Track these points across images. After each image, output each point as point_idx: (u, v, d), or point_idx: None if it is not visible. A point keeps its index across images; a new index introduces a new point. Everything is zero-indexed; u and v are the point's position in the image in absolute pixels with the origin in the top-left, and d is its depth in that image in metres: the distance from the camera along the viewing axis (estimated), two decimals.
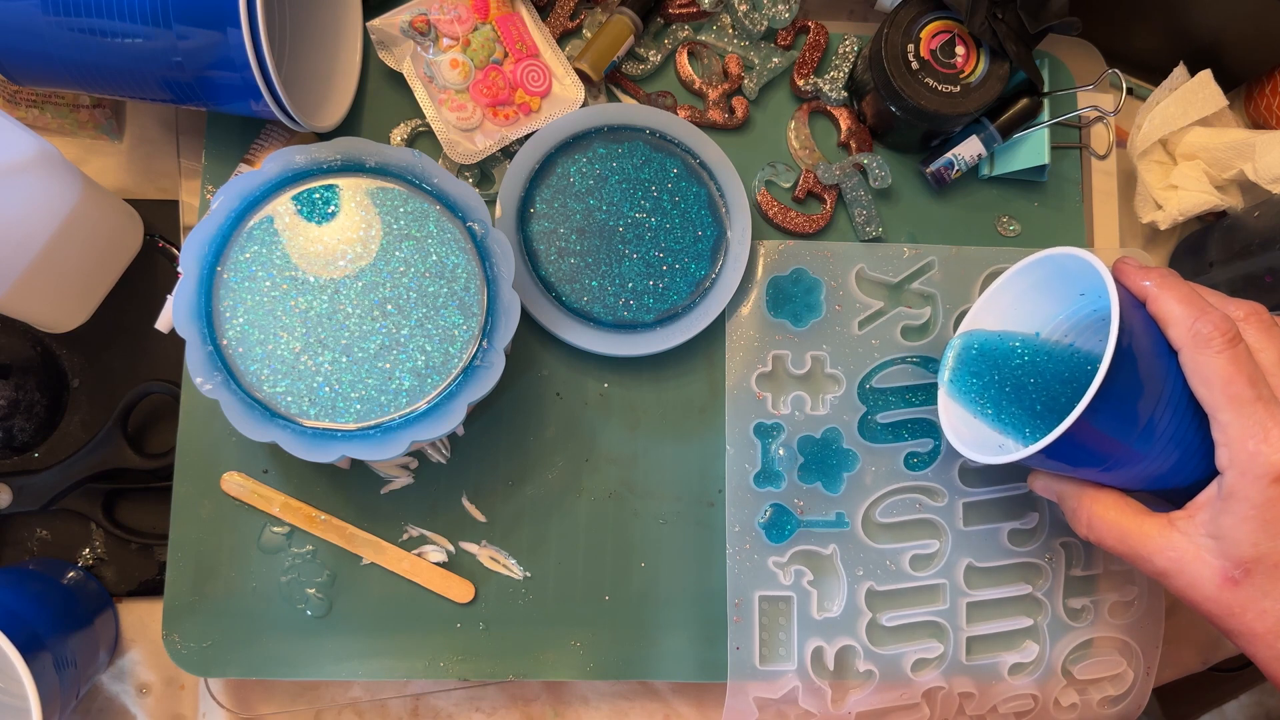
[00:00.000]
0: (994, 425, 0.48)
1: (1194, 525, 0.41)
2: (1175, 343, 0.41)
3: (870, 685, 0.54)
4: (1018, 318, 0.50)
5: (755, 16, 0.57)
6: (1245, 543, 0.39)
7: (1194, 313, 0.41)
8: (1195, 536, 0.41)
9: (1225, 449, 0.40)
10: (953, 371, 0.50)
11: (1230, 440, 0.39)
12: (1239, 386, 0.39)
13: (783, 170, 0.58)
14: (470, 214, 0.47)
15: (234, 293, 0.45)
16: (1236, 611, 0.40)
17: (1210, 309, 0.41)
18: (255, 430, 0.44)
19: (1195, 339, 0.40)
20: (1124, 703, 0.56)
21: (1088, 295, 0.47)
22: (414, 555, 0.53)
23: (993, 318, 0.50)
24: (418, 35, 0.54)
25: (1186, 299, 0.41)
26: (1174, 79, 0.58)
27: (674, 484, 0.55)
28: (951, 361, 0.50)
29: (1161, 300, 0.42)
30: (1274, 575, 0.39)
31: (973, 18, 0.52)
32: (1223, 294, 0.44)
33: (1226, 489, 0.39)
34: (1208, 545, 0.40)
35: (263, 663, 0.51)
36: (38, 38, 0.45)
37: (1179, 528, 0.41)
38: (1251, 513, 0.39)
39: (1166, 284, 0.42)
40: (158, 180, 0.58)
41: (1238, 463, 0.39)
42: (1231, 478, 0.39)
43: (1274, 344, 0.41)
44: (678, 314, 0.54)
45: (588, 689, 0.56)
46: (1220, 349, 0.40)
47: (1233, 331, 0.40)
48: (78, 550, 0.55)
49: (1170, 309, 0.41)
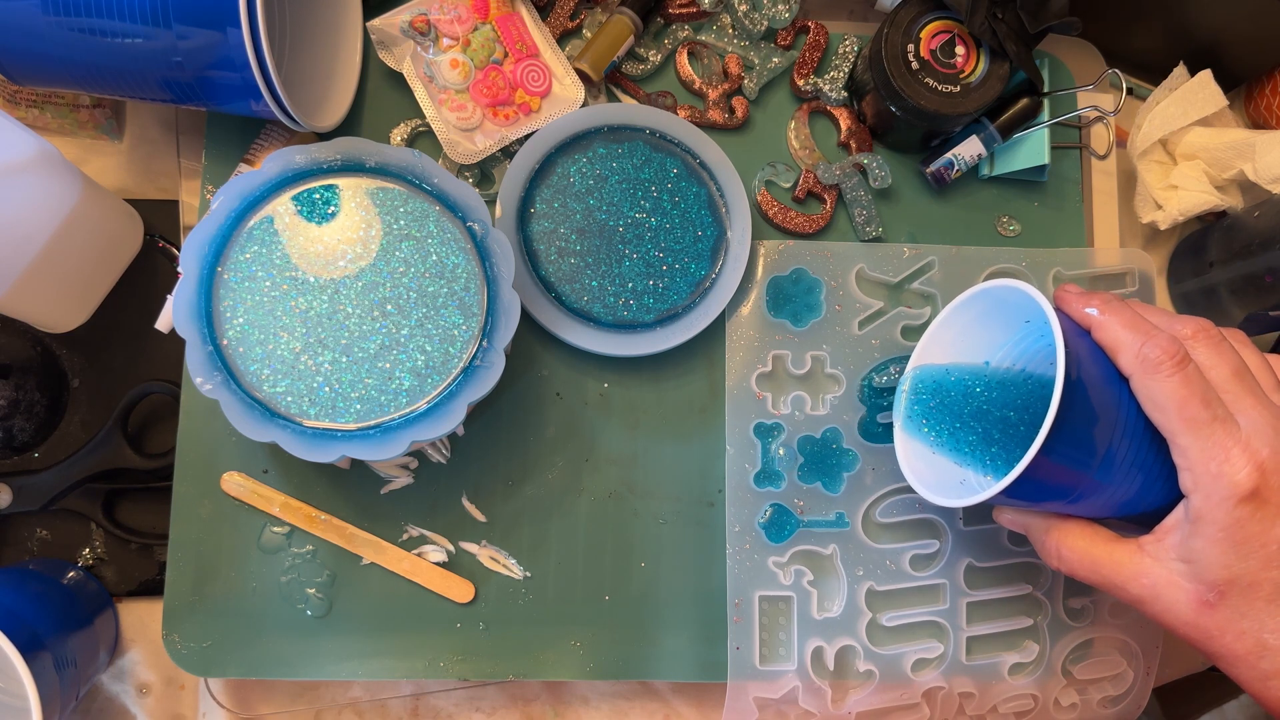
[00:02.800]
0: (953, 458, 0.48)
1: (1164, 550, 0.40)
2: (1124, 369, 0.40)
3: (870, 685, 0.54)
4: (965, 349, 0.49)
5: (755, 16, 0.57)
6: (1217, 565, 0.38)
7: (1140, 337, 0.40)
8: (1167, 561, 0.40)
9: (1188, 472, 0.39)
10: (906, 409, 0.49)
11: (1192, 464, 0.39)
12: (1193, 409, 0.38)
13: (783, 170, 0.58)
14: (470, 214, 0.47)
15: (234, 293, 0.45)
16: (1215, 635, 0.39)
17: (1156, 332, 0.40)
18: (255, 430, 0.44)
19: (1144, 364, 0.39)
20: (1124, 703, 0.56)
21: (1034, 322, 0.46)
22: (414, 555, 0.53)
23: (940, 350, 0.50)
24: (418, 35, 0.54)
25: (1131, 324, 0.40)
26: (1174, 79, 0.58)
27: (674, 484, 0.55)
28: (904, 399, 0.50)
29: (1106, 327, 0.41)
30: (1249, 596, 0.38)
31: (973, 18, 0.52)
32: (1168, 312, 0.43)
33: (1193, 512, 0.39)
34: (1180, 569, 0.40)
35: (262, 663, 0.51)
36: (38, 38, 0.45)
37: (1149, 553, 0.41)
38: (1220, 535, 0.38)
39: (1109, 309, 0.41)
40: (158, 180, 0.58)
41: (1202, 486, 0.38)
42: (1197, 501, 0.39)
43: (1224, 360, 0.40)
44: (678, 314, 0.54)
45: (588, 689, 0.56)
46: (1170, 372, 0.39)
47: (1181, 353, 0.39)
48: (78, 550, 0.55)
49: (1116, 335, 0.41)
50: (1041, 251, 0.58)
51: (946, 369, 0.49)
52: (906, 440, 0.49)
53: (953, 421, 0.48)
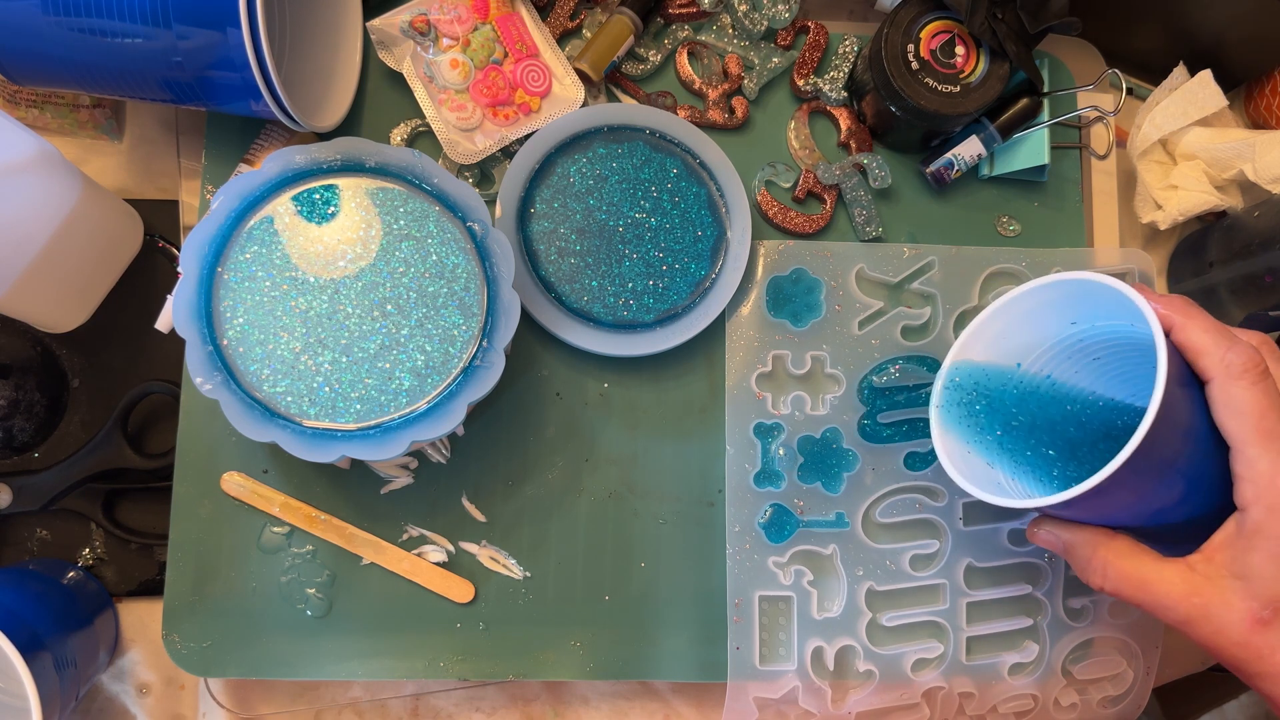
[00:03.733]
0: (985, 458, 0.47)
1: (1215, 568, 0.39)
2: (1205, 373, 0.40)
3: (870, 685, 0.54)
4: (1004, 348, 0.48)
5: (755, 16, 0.57)
6: (1274, 580, 0.38)
7: (1224, 343, 0.39)
8: (1218, 579, 0.39)
9: (1250, 484, 0.38)
10: (942, 399, 0.49)
11: (1258, 476, 0.38)
12: (1271, 421, 0.38)
13: (783, 170, 0.58)
14: (470, 214, 0.47)
15: (234, 293, 0.45)
16: (1266, 654, 0.38)
17: (1238, 339, 0.39)
18: (255, 430, 0.44)
19: (1228, 370, 0.39)
20: (1124, 703, 0.56)
21: (1080, 324, 0.46)
22: (414, 555, 0.53)
23: (981, 347, 0.49)
24: (418, 35, 0.54)
25: (1213, 328, 0.40)
26: (1174, 79, 0.58)
27: (674, 484, 0.55)
28: (940, 390, 0.49)
29: (1189, 329, 0.40)
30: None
31: (973, 18, 0.52)
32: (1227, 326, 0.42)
33: (1251, 526, 0.38)
34: (1233, 587, 0.39)
35: (262, 663, 0.51)
36: (38, 38, 0.45)
37: (1200, 571, 0.40)
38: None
39: (1191, 313, 0.41)
40: (158, 180, 0.58)
41: (1265, 498, 0.38)
42: (1257, 514, 0.38)
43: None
44: (678, 314, 0.54)
45: (588, 689, 0.56)
46: (1254, 380, 0.38)
47: (1263, 364, 0.39)
48: (78, 550, 0.55)
49: (1199, 339, 0.40)
50: (1041, 251, 0.58)
51: (984, 366, 0.49)
52: (943, 434, 0.48)
53: (989, 421, 0.47)
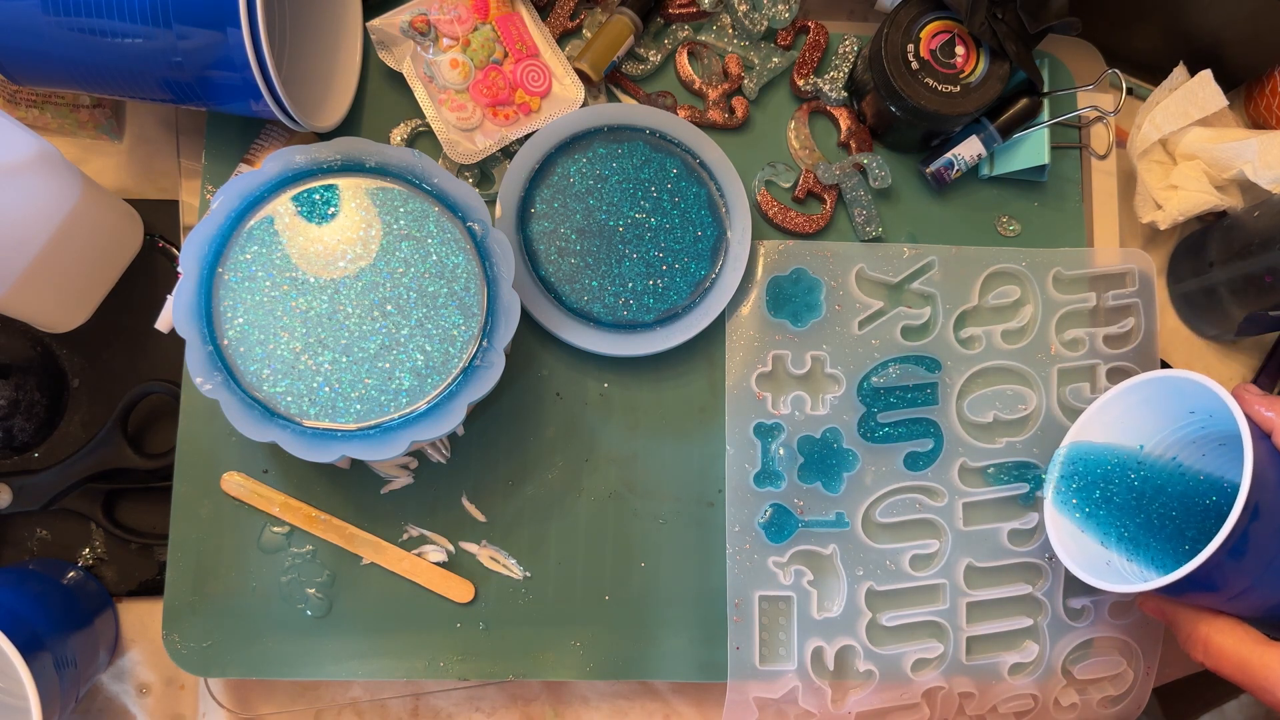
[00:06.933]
0: (1101, 541, 0.48)
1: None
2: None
3: (870, 685, 0.54)
4: (1123, 431, 0.50)
5: (755, 16, 0.57)
6: None
7: None
8: None
9: None
10: (1059, 483, 0.50)
11: None
12: None
13: (783, 170, 0.58)
14: (470, 214, 0.47)
15: (234, 293, 0.45)
16: None
17: None
18: (255, 430, 0.44)
19: None
20: (1124, 703, 0.56)
21: (1198, 413, 0.47)
22: (414, 555, 0.53)
23: (1100, 430, 0.50)
24: (418, 35, 0.54)
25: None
26: (1174, 79, 0.58)
27: (674, 484, 0.55)
28: (1057, 474, 0.50)
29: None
30: None
31: (973, 18, 0.52)
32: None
33: None
34: None
35: (263, 663, 0.51)
36: (38, 38, 0.45)
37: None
38: None
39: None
40: (158, 180, 0.58)
41: None
42: None
43: None
44: (678, 314, 0.54)
45: (588, 689, 0.56)
46: None
47: None
48: (78, 550, 0.55)
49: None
50: (1041, 251, 0.58)
51: (1106, 448, 0.50)
52: (1056, 516, 0.49)
53: (1107, 505, 0.49)
